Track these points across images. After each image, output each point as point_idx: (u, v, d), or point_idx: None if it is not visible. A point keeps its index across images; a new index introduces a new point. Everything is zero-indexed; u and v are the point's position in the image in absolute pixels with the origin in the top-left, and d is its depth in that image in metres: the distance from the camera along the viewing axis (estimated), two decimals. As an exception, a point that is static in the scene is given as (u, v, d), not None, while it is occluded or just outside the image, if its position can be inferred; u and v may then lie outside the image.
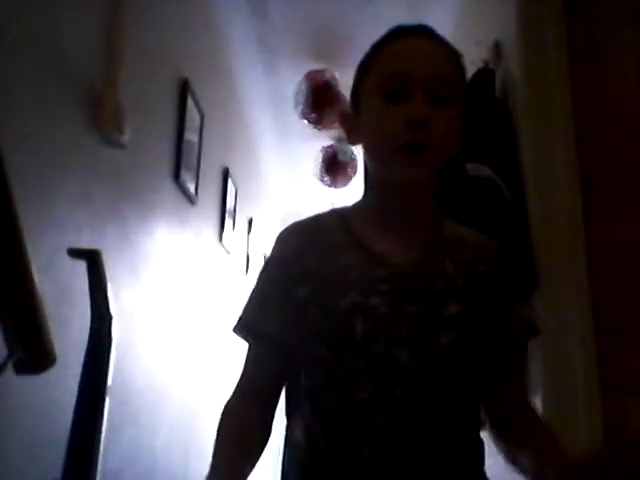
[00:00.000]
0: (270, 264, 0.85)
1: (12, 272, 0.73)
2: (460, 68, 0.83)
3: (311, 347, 0.77)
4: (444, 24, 2.62)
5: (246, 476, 0.72)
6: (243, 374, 0.83)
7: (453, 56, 0.82)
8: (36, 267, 0.75)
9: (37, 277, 0.76)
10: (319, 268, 0.80)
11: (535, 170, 1.51)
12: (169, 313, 2.00)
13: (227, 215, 2.96)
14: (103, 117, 1.38)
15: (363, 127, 0.82)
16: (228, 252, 3.07)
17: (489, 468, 0.81)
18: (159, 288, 1.88)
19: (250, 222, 3.82)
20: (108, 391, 0.95)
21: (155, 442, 1.84)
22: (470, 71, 1.76)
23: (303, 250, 0.81)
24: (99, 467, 0.91)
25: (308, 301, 0.78)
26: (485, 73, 1.72)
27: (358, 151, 3.32)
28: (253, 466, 0.74)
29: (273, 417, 0.82)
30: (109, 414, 0.94)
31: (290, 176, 4.67)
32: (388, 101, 0.77)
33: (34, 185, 1.10)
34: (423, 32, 0.81)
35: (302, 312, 0.78)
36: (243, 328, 0.82)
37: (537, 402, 1.43)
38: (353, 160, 3.66)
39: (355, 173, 3.71)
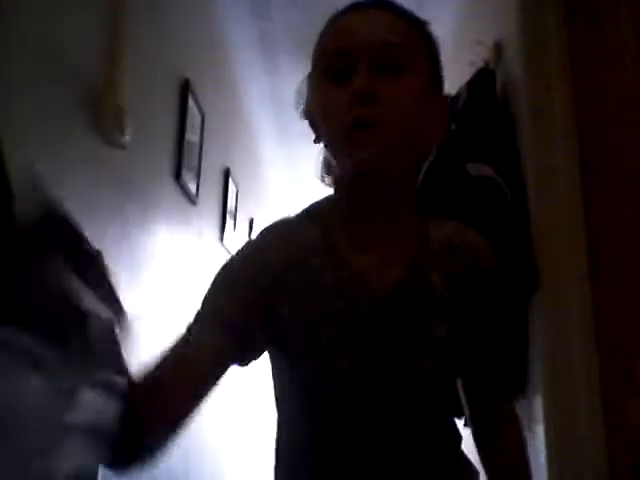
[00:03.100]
0: (236, 262, 0.81)
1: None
2: (420, 34, 0.74)
3: (293, 370, 0.74)
4: (445, 24, 2.62)
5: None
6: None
7: (407, 22, 0.72)
8: (36, 267, 0.75)
9: (37, 277, 0.75)
10: (299, 288, 0.72)
11: (535, 169, 1.51)
12: (170, 313, 2.01)
13: (228, 215, 2.96)
14: (104, 118, 1.38)
15: (317, 118, 0.73)
16: (229, 252, 3.07)
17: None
18: (160, 288, 1.89)
19: (251, 222, 3.82)
20: (108, 391, 0.95)
21: (156, 442, 1.84)
22: (470, 71, 1.76)
23: (284, 265, 0.74)
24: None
25: (289, 322, 0.71)
26: (485, 73, 1.72)
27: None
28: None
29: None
30: (109, 414, 0.94)
31: (291, 176, 4.67)
32: (335, 83, 0.68)
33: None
34: (370, 4, 0.72)
35: (283, 330, 0.71)
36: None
37: (538, 400, 1.43)
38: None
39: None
